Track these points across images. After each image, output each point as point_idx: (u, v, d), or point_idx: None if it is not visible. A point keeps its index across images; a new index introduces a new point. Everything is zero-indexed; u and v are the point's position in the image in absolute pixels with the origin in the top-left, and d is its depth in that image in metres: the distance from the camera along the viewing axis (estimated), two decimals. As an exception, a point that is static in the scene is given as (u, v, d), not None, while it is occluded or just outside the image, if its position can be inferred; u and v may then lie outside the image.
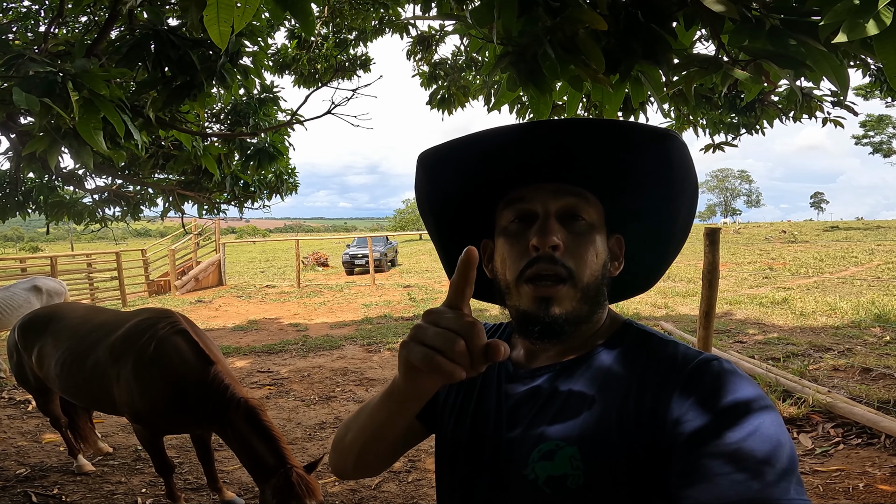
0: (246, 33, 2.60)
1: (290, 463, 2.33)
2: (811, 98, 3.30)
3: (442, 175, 0.79)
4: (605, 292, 0.75)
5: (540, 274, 0.69)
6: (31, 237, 67.35)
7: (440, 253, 0.88)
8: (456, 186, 0.79)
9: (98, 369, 2.75)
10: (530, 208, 0.73)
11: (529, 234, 0.71)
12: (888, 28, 1.14)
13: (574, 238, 0.71)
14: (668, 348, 0.69)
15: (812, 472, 3.21)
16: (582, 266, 0.70)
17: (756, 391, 0.60)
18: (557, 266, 0.69)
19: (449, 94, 5.28)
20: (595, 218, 0.74)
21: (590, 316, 0.73)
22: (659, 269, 0.83)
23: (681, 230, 0.79)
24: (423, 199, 0.82)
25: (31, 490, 3.28)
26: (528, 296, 0.70)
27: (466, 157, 0.75)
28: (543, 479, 0.65)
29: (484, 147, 0.73)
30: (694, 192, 0.75)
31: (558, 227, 0.70)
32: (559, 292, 0.69)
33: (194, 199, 5.37)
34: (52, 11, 3.93)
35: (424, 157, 0.78)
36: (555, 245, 0.68)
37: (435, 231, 0.85)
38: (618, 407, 0.65)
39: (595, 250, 0.72)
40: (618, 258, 0.78)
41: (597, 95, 1.85)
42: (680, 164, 0.72)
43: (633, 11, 1.52)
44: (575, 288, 0.70)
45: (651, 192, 0.75)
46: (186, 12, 1.51)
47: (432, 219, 0.84)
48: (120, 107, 2.03)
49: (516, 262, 0.71)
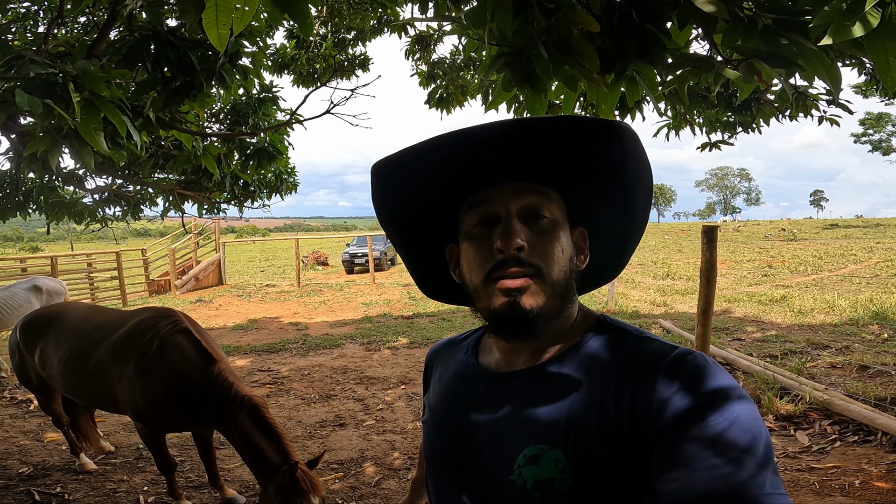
0: (245, 34, 2.61)
1: (294, 459, 2.35)
2: (806, 97, 3.32)
3: (399, 184, 0.77)
4: (574, 287, 0.75)
5: (507, 275, 0.69)
6: (30, 237, 67.35)
7: (405, 260, 0.87)
8: (415, 193, 0.78)
9: (100, 368, 2.77)
10: (492, 210, 0.72)
11: (493, 237, 0.70)
12: (877, 28, 1.16)
13: (538, 236, 0.71)
14: (643, 344, 0.69)
15: (808, 468, 3.23)
16: (550, 263, 0.70)
17: (732, 382, 0.61)
18: (524, 266, 0.69)
19: (447, 93, 5.29)
20: (558, 214, 0.74)
21: (560, 312, 0.73)
22: (623, 258, 0.83)
23: (640, 220, 0.79)
24: (381, 208, 0.81)
25: (34, 488, 3.30)
26: (497, 294, 0.70)
27: (423, 164, 0.74)
28: (531, 484, 0.65)
29: (440, 153, 0.72)
30: (648, 182, 0.75)
31: (521, 228, 0.70)
32: (528, 286, 0.69)
33: (194, 199, 5.39)
34: (52, 12, 3.95)
35: (379, 167, 0.76)
36: (519, 247, 0.68)
37: (398, 239, 0.84)
38: (598, 406, 0.65)
39: (560, 246, 0.72)
40: (583, 251, 0.78)
41: (592, 95, 1.87)
42: (633, 155, 0.72)
43: (628, 11, 1.54)
44: (544, 283, 0.70)
45: (608, 183, 0.75)
46: (185, 14, 1.53)
47: (393, 227, 0.82)
48: (120, 107, 2.05)
49: (482, 266, 0.71)
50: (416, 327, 8.34)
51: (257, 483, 2.49)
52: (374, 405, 4.82)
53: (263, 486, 2.36)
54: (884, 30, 1.18)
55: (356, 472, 3.52)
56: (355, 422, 4.44)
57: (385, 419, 4.46)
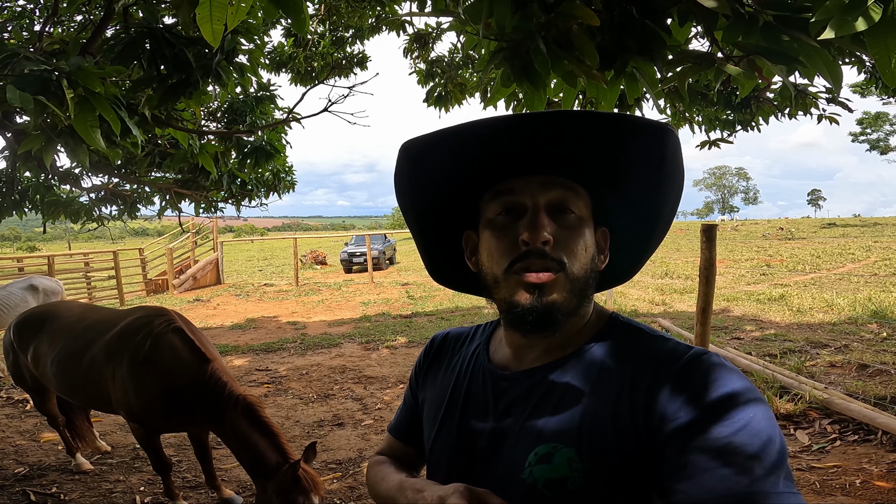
0: (241, 31, 2.59)
1: (293, 458, 2.33)
2: (806, 95, 3.31)
3: (427, 165, 0.76)
4: (593, 286, 0.74)
5: (530, 268, 0.68)
6: (27, 237, 67.19)
7: (418, 243, 0.86)
8: (442, 177, 0.77)
9: (94, 368, 2.75)
10: (519, 201, 0.71)
11: (518, 228, 0.69)
12: (878, 24, 1.14)
13: (564, 231, 0.70)
14: (657, 344, 0.68)
15: (809, 468, 3.23)
16: (573, 259, 0.69)
17: (746, 385, 0.60)
18: (548, 260, 0.68)
19: (446, 91, 5.27)
20: (584, 211, 0.73)
21: (578, 309, 0.72)
22: (640, 261, 0.82)
23: (664, 223, 0.78)
24: (404, 188, 0.80)
25: (30, 489, 3.28)
26: (519, 286, 0.69)
27: (455, 148, 0.73)
28: (543, 483, 0.64)
29: (473, 137, 0.71)
30: (680, 186, 0.74)
31: (548, 221, 0.69)
32: (551, 279, 0.68)
33: (191, 198, 5.36)
34: (47, 10, 3.92)
35: (409, 147, 0.75)
36: (545, 241, 0.67)
37: (415, 220, 0.83)
38: (612, 405, 0.64)
39: (584, 243, 0.71)
40: (603, 251, 0.78)
41: (592, 92, 1.85)
42: (672, 159, 0.71)
43: (628, 7, 1.52)
44: (567, 278, 0.69)
45: (640, 185, 0.74)
46: (179, 10, 1.51)
47: (412, 208, 0.81)
48: (116, 104, 2.03)
49: (505, 256, 0.70)
50: (414, 326, 8.33)
51: (253, 484, 2.47)
52: (372, 404, 4.81)
53: (261, 486, 2.34)
54: (885, 25, 1.17)
55: (354, 472, 3.51)
56: (353, 421, 4.43)
57: (383, 418, 4.44)
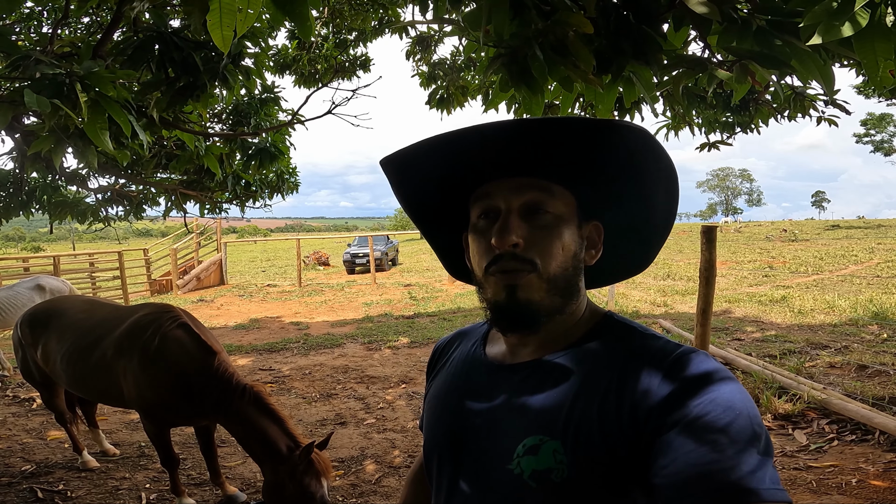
0: (247, 35, 2.64)
1: (303, 443, 2.41)
2: (804, 97, 3.34)
3: (408, 177, 0.80)
4: (578, 283, 0.75)
5: (504, 269, 0.71)
6: (32, 237, 67.52)
7: (431, 244, 0.91)
8: (426, 184, 0.80)
9: (104, 364, 2.82)
10: (494, 205, 0.73)
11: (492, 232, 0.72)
12: (866, 29, 1.18)
13: (538, 232, 0.71)
14: (647, 341, 0.69)
15: (806, 467, 3.25)
16: (547, 258, 0.71)
17: (737, 387, 0.61)
18: (520, 262, 0.70)
19: (448, 93, 5.31)
20: (563, 210, 0.74)
21: (563, 308, 0.73)
22: (645, 255, 0.84)
23: (662, 216, 0.79)
24: (398, 197, 0.84)
25: (37, 486, 3.33)
26: (495, 286, 0.72)
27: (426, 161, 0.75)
28: (529, 474, 0.66)
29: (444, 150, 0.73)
30: (670, 179, 0.75)
31: (518, 224, 0.71)
32: (523, 279, 0.70)
33: (196, 199, 5.42)
34: (57, 13, 3.98)
35: (387, 163, 0.78)
36: (514, 244, 0.69)
37: (419, 226, 0.88)
38: (599, 401, 0.65)
39: (561, 242, 0.72)
40: (595, 245, 0.79)
41: (590, 96, 1.90)
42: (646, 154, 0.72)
43: (624, 13, 1.56)
44: (540, 278, 0.70)
45: (623, 182, 0.76)
46: (190, 16, 1.56)
47: (411, 214, 0.87)
48: (126, 107, 2.08)
49: (483, 258, 0.73)
50: (416, 327, 8.36)
51: (260, 472, 2.52)
52: (374, 404, 4.85)
53: (272, 470, 2.39)
54: (872, 30, 1.20)
55: (357, 470, 3.55)
56: (356, 420, 4.47)
57: (385, 418, 4.48)
